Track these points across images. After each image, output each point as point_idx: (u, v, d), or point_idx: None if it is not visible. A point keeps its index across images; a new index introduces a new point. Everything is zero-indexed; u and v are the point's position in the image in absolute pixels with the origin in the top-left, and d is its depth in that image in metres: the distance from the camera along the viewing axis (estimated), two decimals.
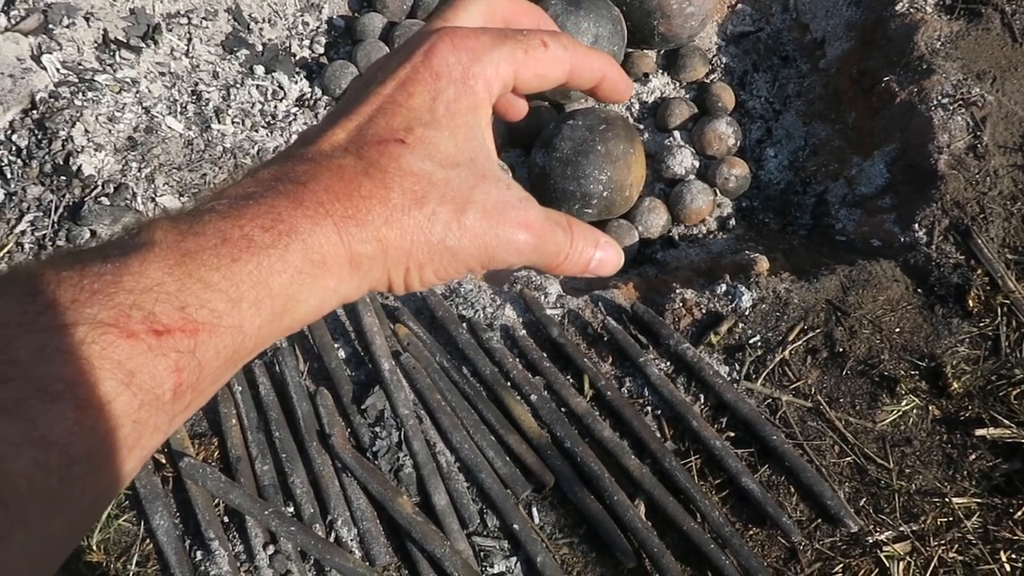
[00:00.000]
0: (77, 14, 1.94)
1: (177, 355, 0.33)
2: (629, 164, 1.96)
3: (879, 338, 1.63)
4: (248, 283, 0.36)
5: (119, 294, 0.33)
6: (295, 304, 0.38)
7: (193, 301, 0.34)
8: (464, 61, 0.43)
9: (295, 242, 0.37)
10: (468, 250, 0.42)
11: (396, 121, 0.42)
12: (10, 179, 1.78)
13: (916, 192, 1.85)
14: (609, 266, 0.50)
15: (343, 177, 0.40)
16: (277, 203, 0.38)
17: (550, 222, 0.46)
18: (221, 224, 0.36)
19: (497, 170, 0.45)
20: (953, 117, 1.86)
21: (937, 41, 1.98)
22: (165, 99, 1.97)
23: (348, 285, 0.40)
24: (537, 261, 0.46)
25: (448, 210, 0.41)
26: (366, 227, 0.39)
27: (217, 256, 0.35)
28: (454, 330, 1.62)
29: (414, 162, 0.41)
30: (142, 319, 0.33)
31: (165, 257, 0.34)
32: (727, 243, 2.04)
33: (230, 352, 0.36)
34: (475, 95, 0.44)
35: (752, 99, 2.30)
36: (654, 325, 1.63)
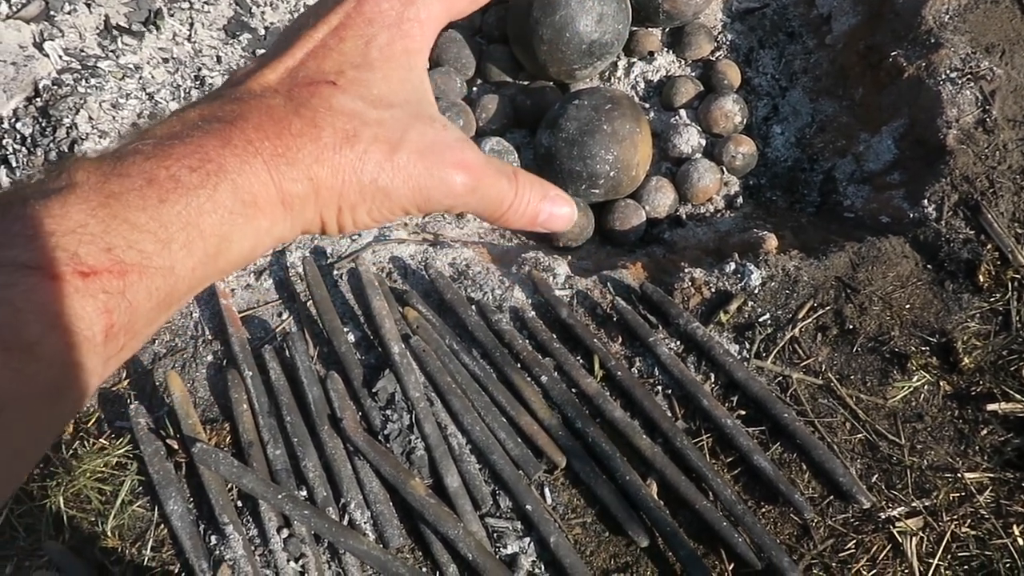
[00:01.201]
0: (78, 1, 1.93)
1: (106, 296, 0.33)
2: (635, 143, 1.95)
3: (889, 315, 1.62)
4: (177, 224, 0.35)
5: (39, 237, 0.32)
6: (228, 245, 0.38)
7: (120, 242, 0.34)
8: (397, 6, 0.43)
9: (224, 182, 0.37)
10: (401, 190, 0.42)
11: (327, 64, 0.42)
12: (15, 167, 1.78)
13: (925, 167, 1.84)
14: (561, 221, 0.49)
15: (273, 116, 0.39)
16: (205, 142, 0.37)
17: (492, 167, 0.46)
18: (146, 165, 0.35)
19: (434, 112, 0.45)
20: (962, 91, 1.85)
21: (945, 15, 1.96)
22: (168, 85, 1.96)
23: (281, 226, 0.40)
24: (478, 207, 0.46)
25: (380, 149, 0.41)
26: (297, 166, 0.39)
27: (143, 197, 0.35)
28: (463, 312, 1.61)
29: (346, 102, 0.41)
30: (67, 260, 0.32)
31: (88, 199, 0.34)
32: (735, 221, 2.03)
33: (163, 294, 0.35)
34: (409, 38, 0.44)
35: (758, 76, 2.28)
36: (663, 305, 1.63)
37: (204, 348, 1.62)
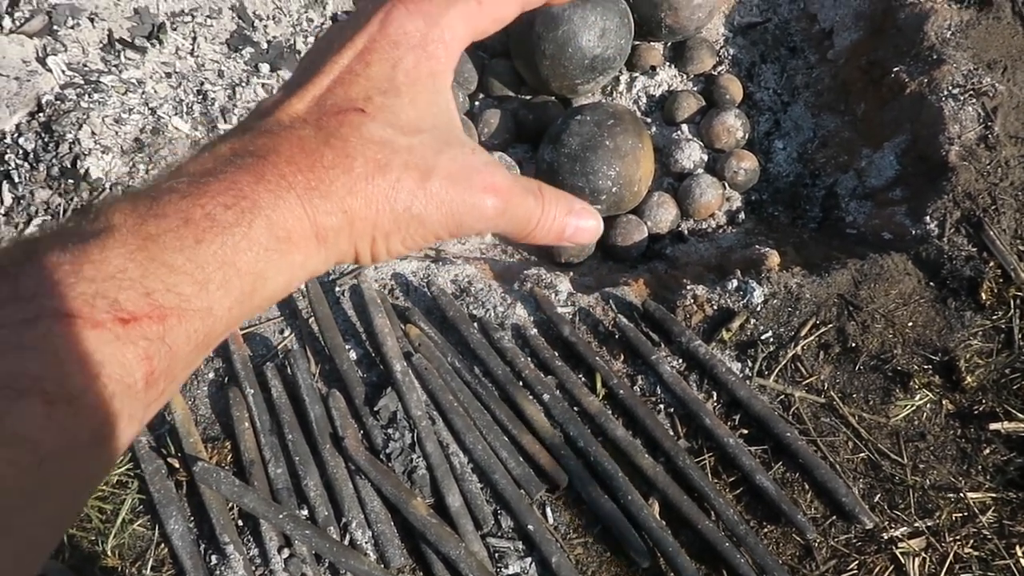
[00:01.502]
0: (81, 15, 1.93)
1: (146, 343, 0.33)
2: (638, 159, 1.95)
3: (892, 332, 1.62)
4: (214, 264, 0.35)
5: (80, 284, 0.32)
6: (264, 282, 0.37)
7: (159, 286, 0.33)
8: (422, 27, 0.42)
9: (259, 218, 0.36)
10: (434, 217, 0.42)
11: (354, 91, 0.41)
12: (18, 183, 1.78)
13: (927, 184, 1.84)
14: (587, 234, 0.49)
15: (304, 148, 0.39)
16: (238, 178, 0.37)
17: (519, 187, 0.45)
18: (182, 204, 0.35)
19: (461, 135, 0.45)
20: (964, 107, 1.85)
21: (947, 31, 1.96)
22: (171, 99, 1.96)
23: (316, 259, 0.39)
24: (507, 228, 0.46)
25: (412, 177, 0.40)
26: (330, 198, 0.38)
27: (180, 238, 0.34)
28: (465, 330, 1.61)
29: (375, 130, 0.40)
30: (107, 307, 0.32)
31: (126, 242, 0.33)
32: (737, 237, 2.03)
33: (201, 336, 0.35)
34: (434, 60, 0.43)
35: (760, 91, 2.29)
36: (665, 322, 1.63)
37: (206, 365, 1.62)
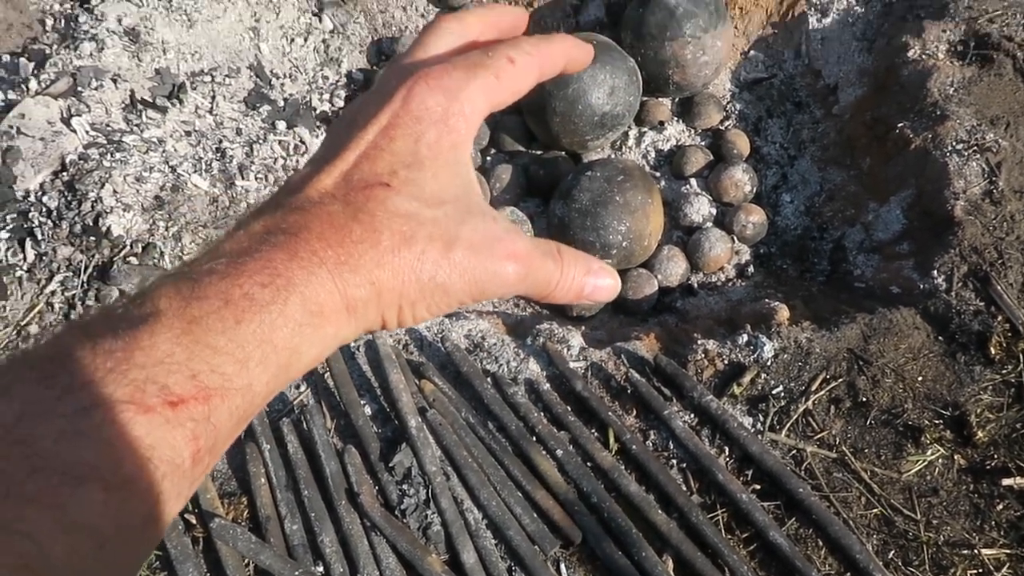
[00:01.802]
0: (105, 76, 1.99)
1: (193, 424, 0.34)
2: (647, 214, 1.99)
3: (902, 387, 1.63)
4: (253, 342, 0.37)
5: (132, 370, 0.34)
6: (298, 355, 0.39)
7: (203, 368, 0.35)
8: (443, 102, 0.44)
9: (293, 295, 0.38)
10: (458, 285, 0.43)
11: (380, 166, 0.43)
12: (41, 240, 1.81)
13: (934, 238, 1.86)
14: (605, 293, 0.51)
15: (334, 224, 0.40)
16: (273, 256, 0.39)
17: (539, 251, 0.47)
18: (222, 285, 0.37)
19: (482, 203, 0.46)
20: (968, 163, 1.88)
21: (950, 87, 2.00)
22: (190, 157, 2.01)
23: (346, 330, 0.41)
24: (528, 291, 0.47)
25: (436, 248, 0.42)
26: (359, 272, 0.40)
27: (222, 319, 0.36)
28: (479, 385, 1.63)
29: (400, 203, 0.42)
30: (157, 392, 0.34)
31: (172, 326, 0.35)
32: (746, 290, 2.05)
33: (242, 412, 0.37)
34: (456, 132, 0.45)
35: (767, 145, 2.33)
36: (677, 377, 1.65)
37: None
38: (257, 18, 2.34)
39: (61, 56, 2.01)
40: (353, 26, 2.49)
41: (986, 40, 2.02)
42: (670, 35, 2.11)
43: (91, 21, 2.11)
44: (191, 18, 2.20)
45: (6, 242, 1.82)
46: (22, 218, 1.83)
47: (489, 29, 0.52)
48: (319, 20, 2.45)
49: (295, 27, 2.41)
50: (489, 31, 0.52)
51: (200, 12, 2.22)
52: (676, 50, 2.13)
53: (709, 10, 2.13)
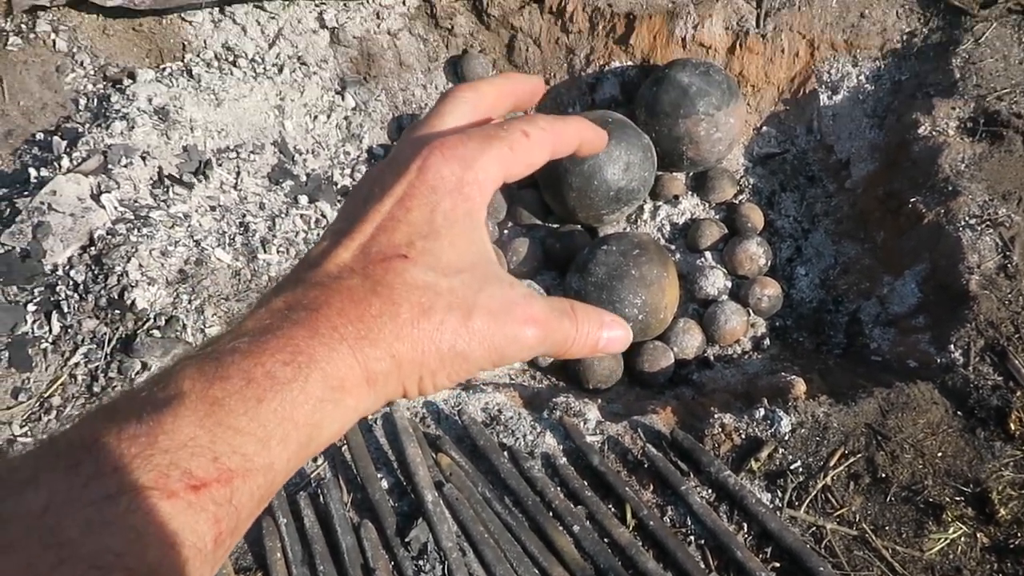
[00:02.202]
0: (134, 154, 2.05)
1: (215, 507, 0.35)
2: (663, 287, 2.01)
3: (922, 463, 1.62)
4: (274, 421, 0.37)
5: (156, 455, 0.34)
6: (319, 431, 0.39)
7: (225, 449, 0.35)
8: (457, 171, 0.45)
9: (315, 372, 0.38)
10: (477, 352, 0.43)
11: (397, 237, 0.43)
12: (67, 312, 1.85)
13: (949, 312, 1.87)
14: (617, 344, 0.51)
15: (353, 299, 0.41)
16: (294, 334, 0.39)
17: (555, 312, 0.47)
18: (244, 364, 0.38)
19: (498, 270, 0.46)
20: (981, 237, 1.90)
21: (961, 163, 2.03)
22: (215, 231, 2.06)
23: (367, 402, 0.41)
24: (546, 351, 0.48)
25: (455, 317, 0.42)
26: (379, 345, 0.40)
27: (243, 400, 0.37)
28: (496, 459, 1.63)
29: (418, 275, 0.42)
30: (180, 477, 0.34)
31: (195, 408, 0.36)
32: (763, 363, 2.05)
33: (263, 491, 0.38)
34: (470, 201, 0.45)
35: (781, 218, 2.35)
36: (694, 452, 1.64)
37: None
38: (282, 97, 2.41)
39: (93, 134, 2.08)
40: (374, 103, 2.56)
41: (995, 117, 2.05)
42: (684, 113, 2.16)
43: (123, 101, 2.19)
44: (219, 97, 2.28)
45: (33, 314, 1.85)
46: (49, 291, 1.87)
47: (504, 98, 0.53)
48: (342, 98, 2.52)
49: (318, 105, 2.48)
50: (504, 100, 0.53)
51: (227, 92, 2.30)
52: (690, 127, 2.17)
53: (722, 88, 2.18)
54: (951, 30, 2.27)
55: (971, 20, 2.25)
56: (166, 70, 2.34)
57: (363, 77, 2.55)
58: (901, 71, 2.30)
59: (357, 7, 2.46)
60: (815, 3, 2.34)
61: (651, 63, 2.41)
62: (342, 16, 2.46)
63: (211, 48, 2.43)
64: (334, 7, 2.45)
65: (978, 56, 2.19)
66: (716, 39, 2.37)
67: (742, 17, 2.37)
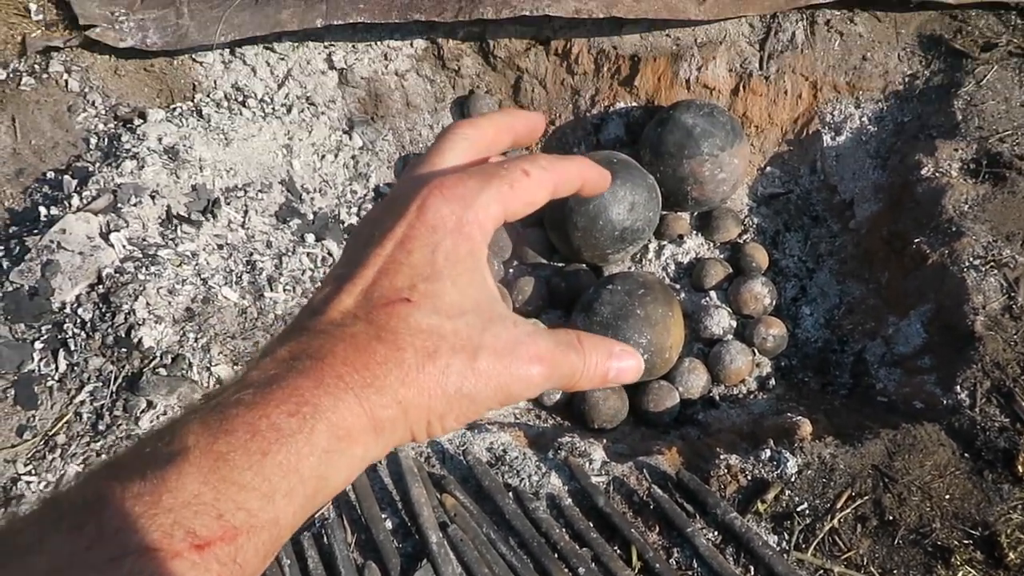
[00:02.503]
0: (144, 193, 2.07)
1: (220, 566, 0.34)
2: (668, 327, 2.01)
3: (929, 505, 1.61)
4: (279, 474, 0.37)
5: (160, 515, 0.34)
6: (326, 482, 0.39)
7: (230, 506, 0.35)
8: (457, 210, 0.44)
9: (320, 422, 0.38)
10: (485, 393, 0.43)
11: (399, 280, 0.43)
12: (73, 350, 1.86)
13: (955, 352, 1.87)
14: (628, 375, 0.50)
15: (357, 346, 0.40)
16: (299, 384, 0.39)
17: (561, 347, 0.46)
18: (248, 416, 0.37)
19: (502, 308, 0.46)
20: (986, 278, 1.90)
21: (965, 204, 2.04)
22: (222, 270, 2.07)
23: (374, 450, 0.41)
24: (554, 386, 0.47)
25: (461, 359, 0.42)
26: (385, 392, 0.40)
27: (248, 454, 0.36)
28: (500, 500, 1.63)
29: (422, 319, 0.42)
30: (183, 536, 0.34)
31: (200, 464, 0.35)
32: (768, 403, 2.05)
33: (268, 547, 0.37)
34: (471, 240, 0.45)
35: (785, 258, 2.36)
36: (700, 493, 1.63)
37: None
38: (290, 136, 2.44)
39: (103, 173, 2.10)
40: (381, 143, 2.59)
41: (998, 159, 2.07)
42: (688, 153, 2.18)
43: (133, 140, 2.21)
44: (228, 137, 2.30)
45: (40, 352, 1.86)
46: (57, 329, 1.88)
47: (504, 134, 0.52)
48: (349, 138, 2.55)
49: (326, 144, 2.51)
50: (504, 136, 0.53)
51: (236, 131, 2.32)
52: (694, 167, 2.19)
53: (726, 129, 2.20)
54: (952, 73, 2.29)
55: (972, 63, 2.27)
56: (176, 110, 2.37)
57: (371, 117, 2.58)
58: (903, 113, 2.32)
59: (365, 49, 2.49)
60: (817, 46, 2.37)
61: (655, 104, 2.44)
62: (350, 57, 2.49)
63: (221, 88, 2.46)
64: (343, 49, 2.49)
65: (980, 98, 2.21)
66: (720, 81, 2.40)
67: (745, 59, 2.40)
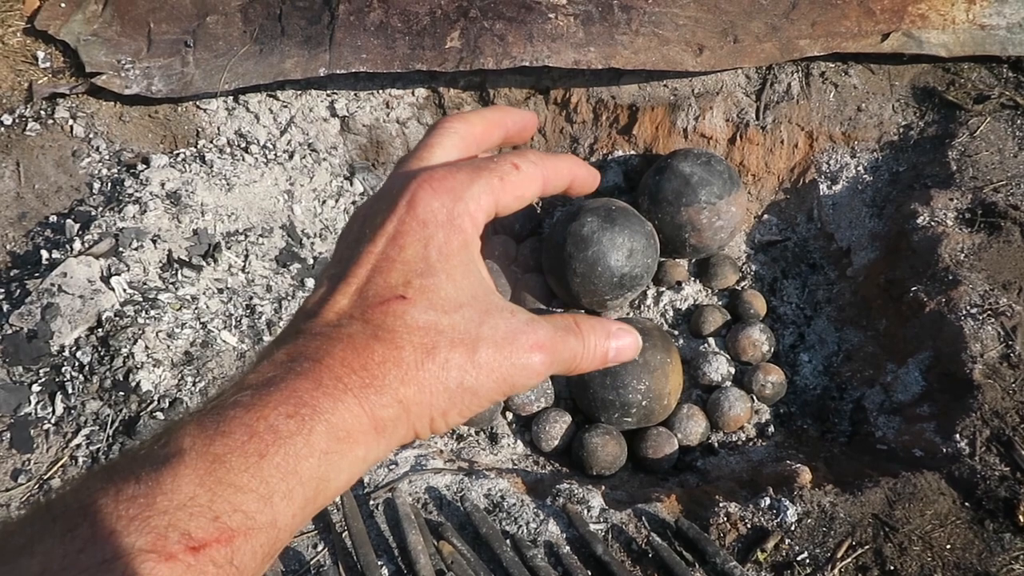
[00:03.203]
0: (145, 237, 2.08)
1: (216, 569, 0.34)
2: (667, 373, 2.01)
3: (930, 555, 1.60)
4: (277, 476, 0.36)
5: (154, 517, 0.33)
6: (326, 484, 0.39)
7: (226, 508, 0.35)
8: (447, 203, 0.44)
9: (319, 424, 0.38)
10: (486, 385, 0.43)
11: (393, 278, 0.43)
12: (71, 394, 1.86)
13: (954, 400, 1.86)
14: (628, 352, 0.50)
15: (355, 347, 0.40)
16: (297, 386, 0.39)
17: (560, 333, 0.46)
18: (246, 418, 0.37)
19: (498, 300, 0.46)
20: (983, 327, 1.91)
21: (960, 253, 2.06)
22: (221, 314, 2.07)
23: (376, 450, 0.41)
24: (555, 372, 0.47)
25: (460, 353, 0.42)
26: (385, 392, 0.40)
27: (245, 456, 0.36)
28: (498, 547, 1.61)
29: (418, 315, 0.42)
30: (178, 539, 0.33)
31: (195, 466, 0.35)
32: (767, 450, 2.04)
33: (266, 549, 0.37)
34: (463, 233, 0.45)
35: (783, 305, 2.37)
36: (700, 541, 1.62)
37: None
38: (292, 182, 2.46)
39: (106, 218, 2.12)
40: None
41: (993, 208, 2.09)
42: (686, 201, 2.20)
43: (136, 185, 2.23)
44: (230, 182, 2.33)
45: (37, 395, 1.86)
46: (55, 372, 1.88)
47: (494, 130, 0.53)
48: (350, 183, 2.57)
49: (327, 190, 2.53)
50: (494, 132, 0.53)
51: (239, 177, 2.35)
52: (692, 215, 2.21)
53: (723, 177, 2.23)
54: (946, 123, 2.33)
55: (966, 114, 2.30)
56: (179, 156, 2.39)
57: (372, 163, 2.60)
58: (899, 162, 2.35)
59: (368, 97, 2.53)
60: (813, 97, 2.41)
61: (653, 152, 2.47)
62: (353, 105, 2.53)
63: (224, 135, 2.49)
64: (345, 96, 2.52)
65: (974, 149, 2.24)
66: (717, 130, 2.43)
67: (742, 109, 2.43)
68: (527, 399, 2.11)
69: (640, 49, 2.28)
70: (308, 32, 2.39)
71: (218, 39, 2.43)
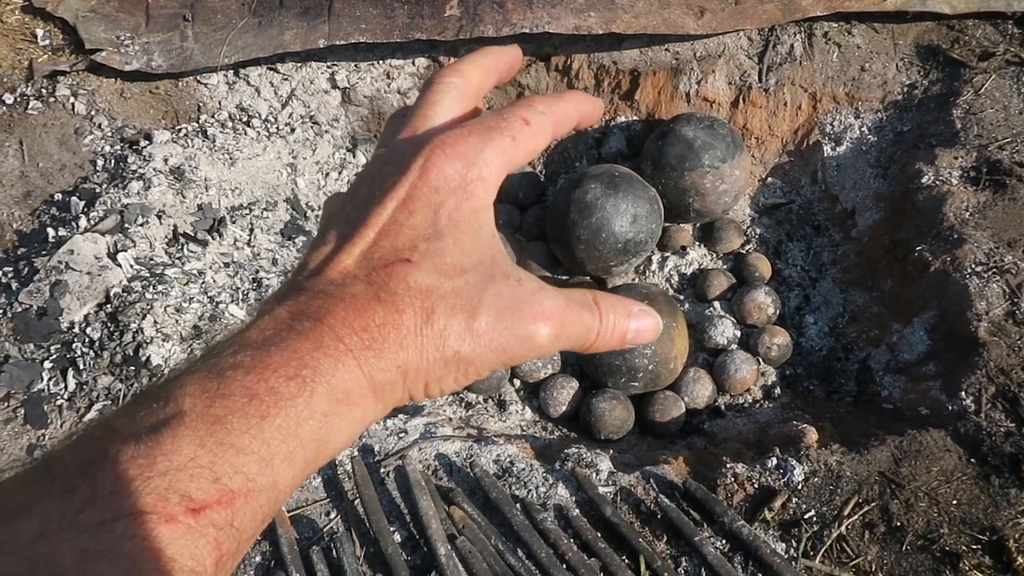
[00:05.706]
0: (150, 213, 2.09)
1: (215, 531, 0.34)
2: (672, 337, 2.02)
3: (936, 511, 1.61)
4: (278, 438, 0.37)
5: (155, 478, 0.33)
6: (325, 445, 0.39)
7: (227, 470, 0.35)
8: (460, 169, 0.44)
9: (320, 385, 0.38)
10: (484, 355, 0.43)
11: (400, 241, 0.43)
12: (82, 369, 1.87)
13: (959, 359, 1.87)
14: (648, 334, 0.49)
15: (357, 307, 0.40)
16: (299, 346, 0.39)
17: (572, 305, 0.46)
18: (247, 380, 0.37)
19: (508, 266, 0.45)
20: (989, 285, 1.91)
21: (965, 211, 2.05)
22: (228, 288, 2.09)
23: (373, 412, 0.41)
24: (565, 347, 0.46)
25: (458, 320, 0.42)
26: (384, 355, 0.40)
27: (246, 417, 0.36)
28: (508, 511, 1.63)
29: (421, 279, 0.42)
30: (179, 500, 0.33)
31: (196, 428, 0.35)
32: (774, 412, 2.05)
33: (266, 511, 0.37)
34: (475, 198, 0.44)
35: (788, 267, 2.37)
36: (707, 502, 1.64)
37: (253, 549, 1.64)
38: (294, 155, 2.46)
39: (110, 195, 2.13)
40: None
41: (998, 166, 2.08)
42: (689, 166, 2.20)
43: (139, 161, 2.24)
44: (233, 157, 2.33)
45: (49, 372, 1.88)
46: (65, 349, 1.90)
47: (489, 75, 0.52)
48: (353, 155, 2.57)
49: (330, 162, 2.53)
50: (489, 77, 0.52)
51: (241, 151, 2.35)
52: (695, 180, 2.21)
53: (726, 141, 2.22)
54: (951, 82, 2.31)
55: (970, 72, 2.29)
56: (182, 131, 2.39)
57: (374, 135, 2.60)
58: (903, 122, 2.34)
59: (368, 68, 2.52)
60: (816, 57, 2.39)
61: (656, 118, 2.46)
62: (353, 76, 2.52)
63: (225, 109, 2.49)
64: (345, 68, 2.52)
65: (978, 107, 2.22)
66: (720, 94, 2.42)
67: (744, 72, 2.42)
68: (534, 366, 2.12)
69: (640, 13, 2.26)
70: (306, 3, 2.37)
71: (216, 12, 2.42)
